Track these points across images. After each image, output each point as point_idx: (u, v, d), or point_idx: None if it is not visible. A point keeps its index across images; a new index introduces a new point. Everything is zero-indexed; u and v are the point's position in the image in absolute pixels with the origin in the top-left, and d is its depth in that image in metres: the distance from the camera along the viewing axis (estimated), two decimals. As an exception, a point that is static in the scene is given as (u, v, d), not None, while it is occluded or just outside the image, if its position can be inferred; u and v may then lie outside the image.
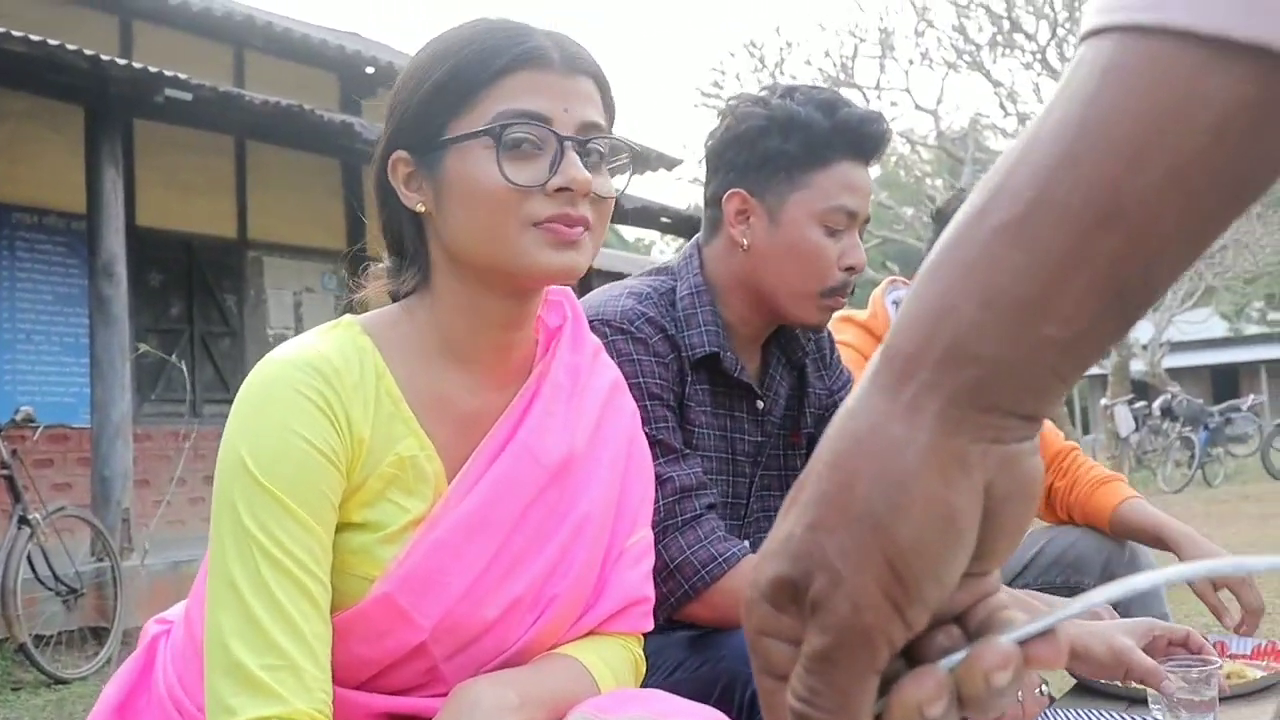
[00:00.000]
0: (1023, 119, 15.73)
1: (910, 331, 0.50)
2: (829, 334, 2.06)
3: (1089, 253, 0.47)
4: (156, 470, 8.77)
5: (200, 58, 9.76)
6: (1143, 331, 23.04)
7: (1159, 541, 2.30)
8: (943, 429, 0.48)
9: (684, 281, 1.84)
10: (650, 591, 1.40)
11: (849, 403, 0.52)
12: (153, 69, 6.87)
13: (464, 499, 1.25)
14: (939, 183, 20.07)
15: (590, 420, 1.36)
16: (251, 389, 1.20)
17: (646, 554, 1.41)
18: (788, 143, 1.78)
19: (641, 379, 1.70)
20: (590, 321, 1.71)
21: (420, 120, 1.23)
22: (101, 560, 6.37)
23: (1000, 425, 0.49)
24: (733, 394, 1.86)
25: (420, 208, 1.25)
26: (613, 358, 1.69)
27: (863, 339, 2.37)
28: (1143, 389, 21.52)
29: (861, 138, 1.79)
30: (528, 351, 1.35)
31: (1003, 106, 15.82)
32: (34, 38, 6.32)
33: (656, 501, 1.62)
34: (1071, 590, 2.25)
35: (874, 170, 1.93)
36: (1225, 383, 33.49)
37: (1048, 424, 2.63)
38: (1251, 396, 19.43)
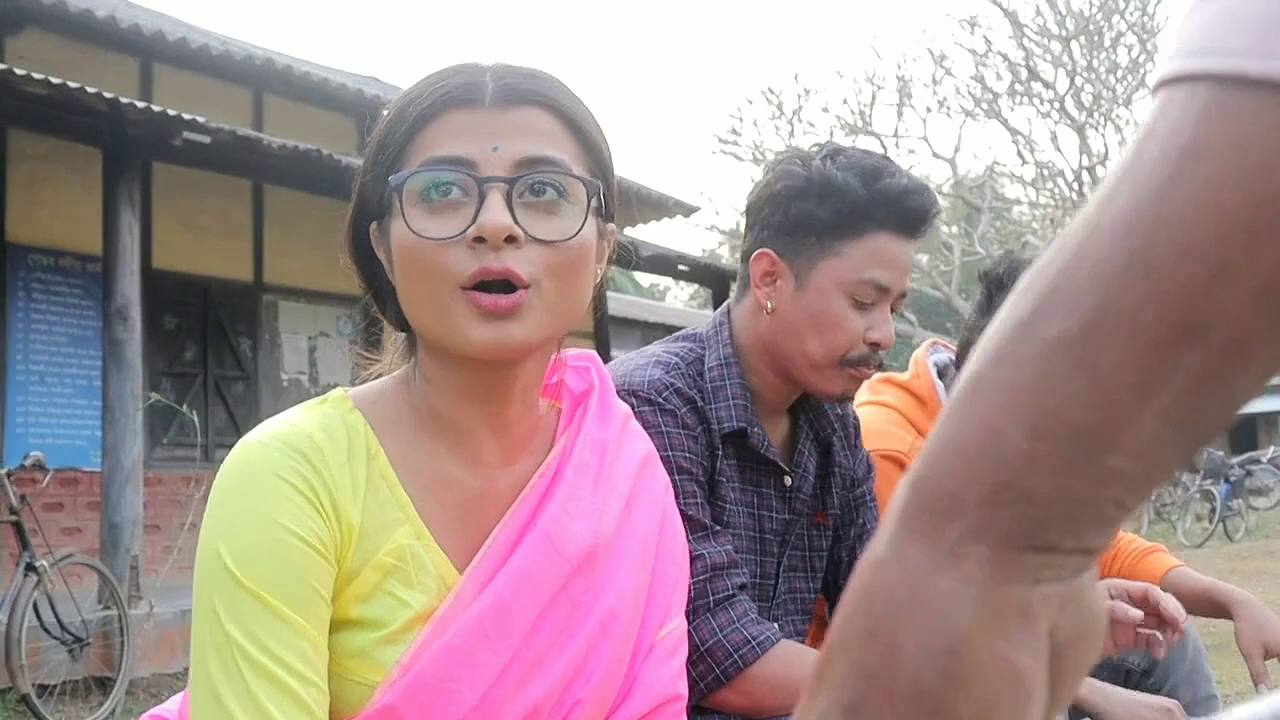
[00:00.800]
0: (1040, 167, 15.70)
1: (949, 464, 0.42)
2: (854, 414, 1.99)
3: (1163, 374, 0.39)
4: (167, 515, 8.68)
5: (220, 101, 9.77)
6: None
7: (1214, 607, 2.22)
8: (996, 577, 0.41)
9: (712, 351, 1.77)
10: (684, 689, 1.28)
11: (879, 550, 0.44)
12: (171, 112, 6.85)
13: (477, 596, 1.12)
14: (954, 229, 20.03)
15: (619, 500, 1.23)
16: (227, 476, 1.08)
17: (680, 646, 1.28)
18: (821, 208, 1.70)
19: (670, 452, 1.62)
20: (616, 391, 1.64)
21: (369, 182, 1.13)
22: (109, 608, 6.28)
23: (1060, 564, 0.42)
24: (761, 470, 1.78)
25: (392, 278, 1.14)
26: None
27: (905, 401, 2.28)
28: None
29: (902, 211, 1.70)
30: (539, 424, 1.22)
31: (1020, 155, 15.77)
32: (54, 80, 6.31)
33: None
34: (1115, 670, 2.15)
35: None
36: (1243, 433, 33.25)
37: None
38: (1272, 448, 19.24)
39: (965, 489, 0.41)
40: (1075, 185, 15.11)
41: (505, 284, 1.04)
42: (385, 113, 1.14)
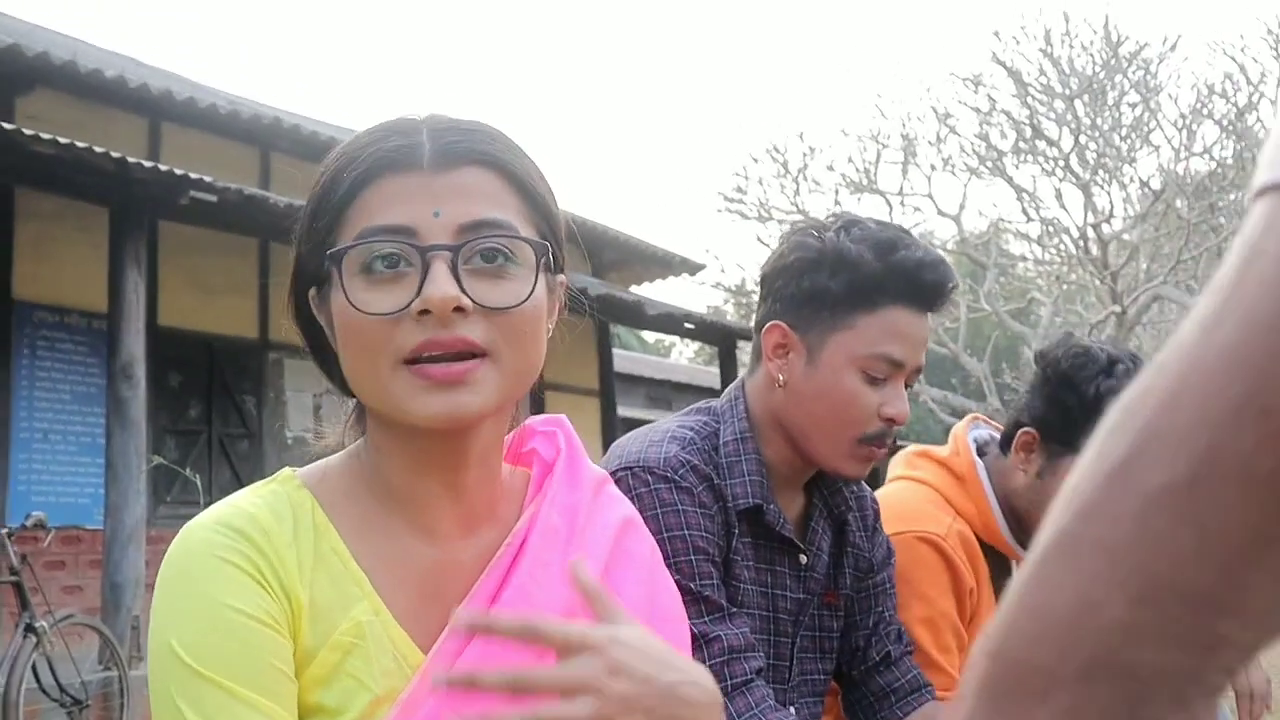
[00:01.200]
0: (1045, 224, 15.72)
1: (1038, 635, 0.38)
2: (871, 496, 1.94)
3: None
4: (169, 574, 8.63)
5: (228, 159, 9.84)
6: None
7: None
8: None
9: (728, 425, 1.73)
10: None
11: None
12: (178, 171, 6.88)
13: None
14: (960, 286, 19.99)
15: (597, 566, 1.15)
16: (170, 565, 1.03)
17: None
18: (834, 280, 1.66)
19: (687, 531, 1.58)
20: (631, 469, 1.60)
21: (309, 247, 1.07)
22: (109, 669, 6.21)
23: None
24: (775, 548, 1.73)
25: (334, 345, 1.08)
26: (655, 507, 1.57)
27: (943, 479, 2.19)
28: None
29: (917, 285, 1.66)
30: (503, 492, 1.16)
31: (1025, 212, 15.80)
32: (61, 139, 6.34)
33: (702, 663, 1.48)
34: None
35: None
36: None
37: None
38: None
39: (1058, 664, 0.37)
40: (1080, 242, 15.12)
41: (456, 353, 1.00)
42: (320, 174, 1.08)
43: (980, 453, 2.23)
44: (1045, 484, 2.09)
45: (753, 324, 1.80)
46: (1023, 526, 2.17)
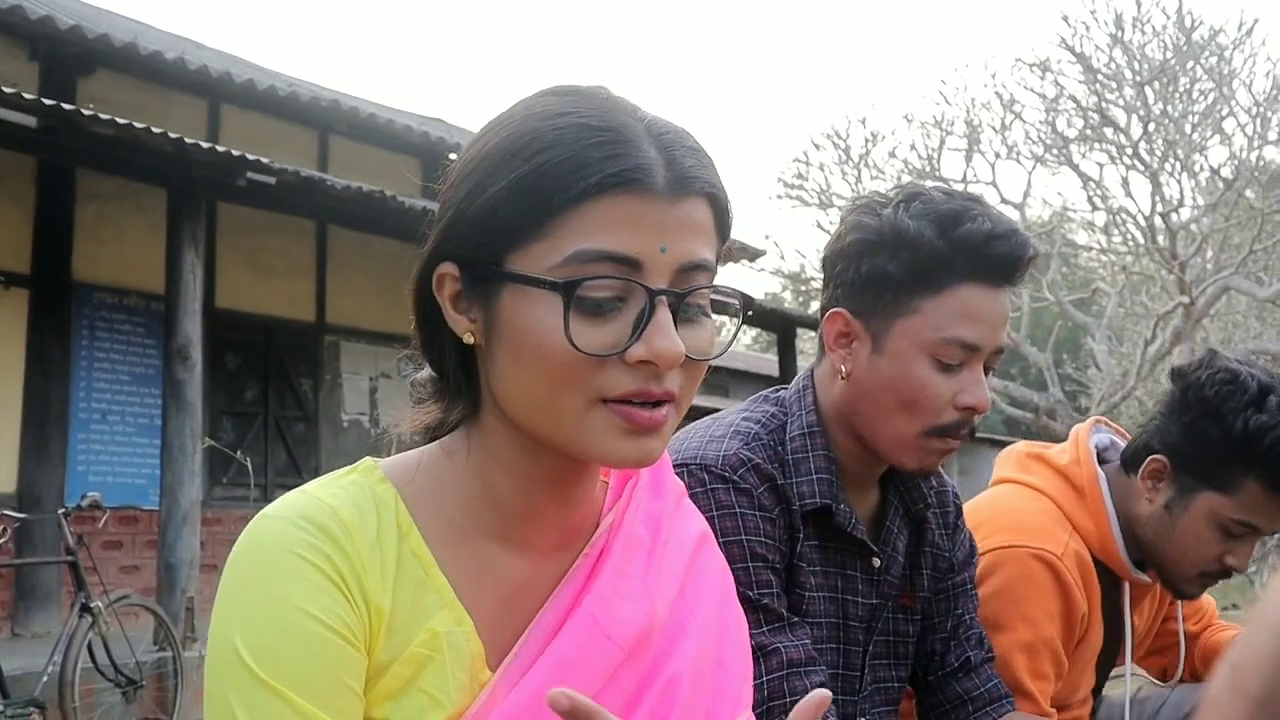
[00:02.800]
0: (1112, 213, 15.42)
1: None
2: (954, 490, 1.80)
3: None
4: (225, 555, 8.58)
5: (286, 142, 9.86)
6: None
7: None
8: None
9: (795, 419, 1.61)
10: None
11: None
12: (236, 152, 6.88)
13: (513, 689, 0.98)
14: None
15: (674, 581, 1.10)
16: (241, 555, 0.95)
17: None
18: (894, 262, 1.52)
19: (744, 536, 1.47)
20: (688, 465, 1.49)
21: (475, 235, 0.96)
22: (164, 650, 6.24)
23: None
24: (845, 550, 1.61)
25: (469, 338, 0.99)
26: (711, 509, 1.46)
27: (1062, 491, 2.03)
28: None
29: (988, 259, 1.50)
30: (593, 503, 1.09)
31: (1091, 201, 15.50)
32: (120, 120, 6.35)
33: (760, 676, 1.39)
34: None
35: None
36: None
37: (1208, 598, 2.34)
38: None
39: None
40: (1147, 231, 14.81)
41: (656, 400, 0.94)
42: (502, 156, 0.95)
43: (1100, 460, 2.08)
44: (1174, 518, 1.95)
45: (817, 311, 1.68)
46: (1143, 552, 2.02)
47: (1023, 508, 1.97)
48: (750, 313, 1.05)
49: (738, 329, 1.11)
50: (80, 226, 8.69)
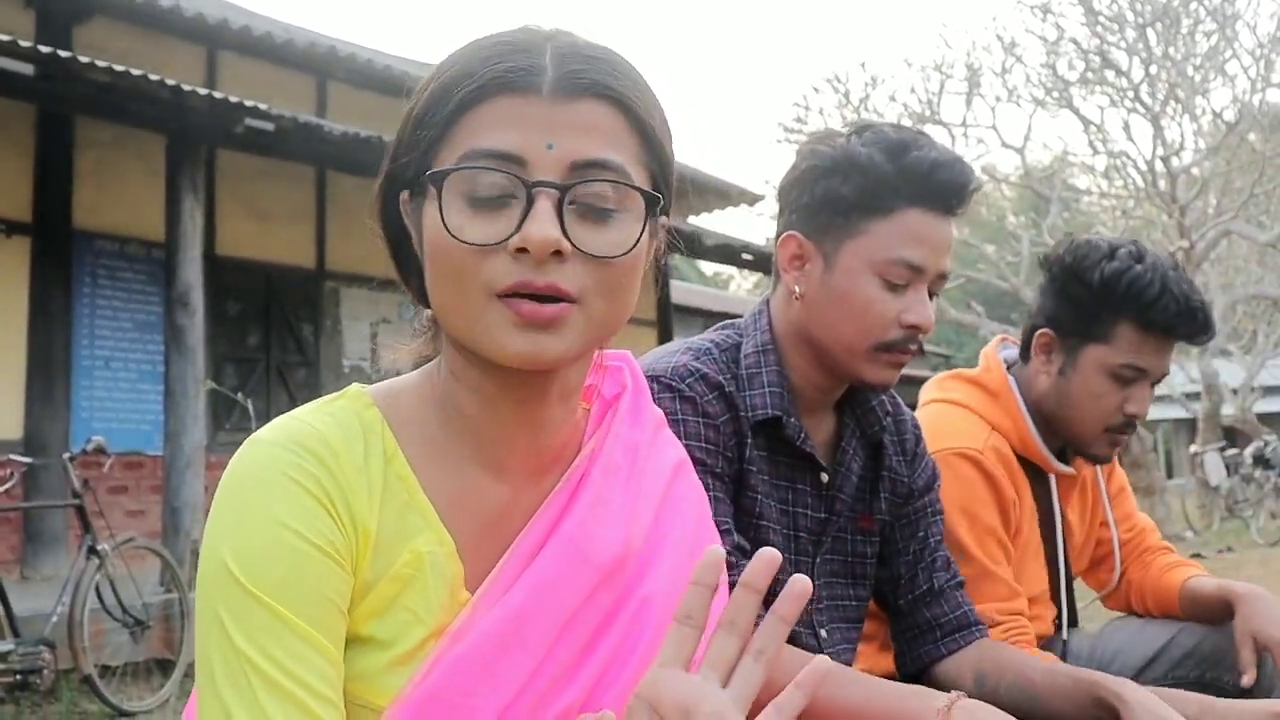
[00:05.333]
0: (1112, 157, 15.37)
1: None
2: (913, 420, 1.89)
3: None
4: (229, 499, 8.76)
5: (284, 88, 9.83)
6: (1233, 375, 22.37)
7: (1226, 607, 2.15)
8: None
9: (750, 338, 1.69)
10: None
11: None
12: (233, 99, 6.88)
13: (494, 605, 1.02)
14: (1022, 220, 19.69)
15: (650, 508, 1.14)
16: (233, 477, 0.98)
17: None
18: (846, 185, 1.62)
19: (684, 440, 1.51)
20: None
21: (403, 155, 1.02)
22: (170, 592, 6.34)
23: None
24: (796, 464, 1.69)
25: (420, 257, 1.03)
26: None
27: (976, 397, 2.20)
28: (1232, 435, 20.86)
29: (933, 185, 1.60)
30: (570, 429, 1.12)
31: (1092, 145, 15.46)
32: (117, 67, 6.35)
33: None
34: (1206, 686, 2.03)
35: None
36: (1320, 430, 32.40)
37: (1146, 519, 2.50)
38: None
39: None
40: (1149, 175, 14.77)
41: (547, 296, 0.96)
42: (428, 80, 1.02)
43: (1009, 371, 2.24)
44: (1069, 380, 2.12)
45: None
46: (1054, 432, 2.18)
47: (942, 418, 2.12)
48: (662, 208, 1.04)
49: (640, 235, 1.03)
50: (80, 174, 8.70)
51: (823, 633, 1.67)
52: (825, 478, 1.72)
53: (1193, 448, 17.48)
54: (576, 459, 1.12)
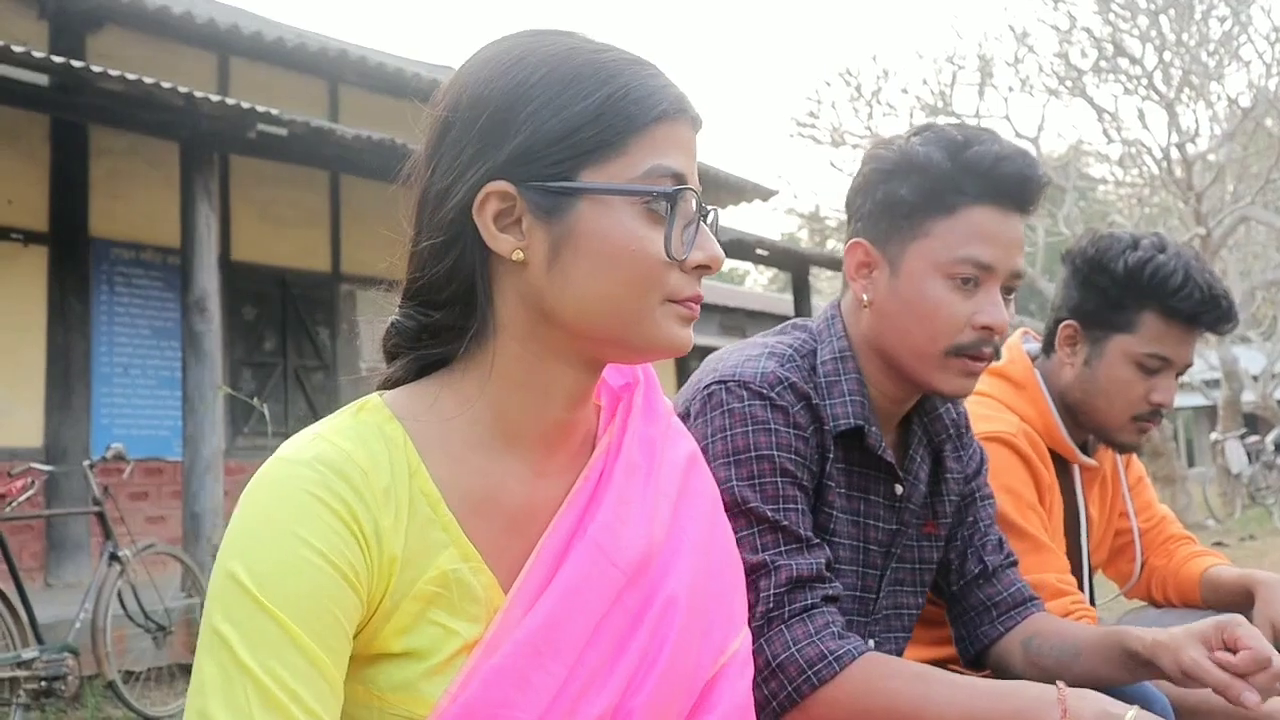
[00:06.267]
0: (1127, 145, 15.30)
1: None
2: (964, 411, 1.84)
3: None
4: (249, 504, 8.80)
5: (296, 93, 9.86)
6: (1254, 362, 22.24)
7: (1249, 596, 2.15)
8: None
9: (826, 344, 1.64)
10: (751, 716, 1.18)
11: None
12: (245, 104, 6.90)
13: (526, 614, 1.02)
14: (1039, 210, 19.58)
15: (668, 504, 1.14)
16: (257, 492, 0.97)
17: (746, 665, 1.19)
18: (905, 187, 1.58)
19: (775, 452, 1.50)
20: (726, 383, 1.53)
21: (541, 154, 1.01)
22: (191, 596, 6.36)
23: None
24: (869, 475, 1.65)
25: (517, 255, 1.02)
26: (746, 424, 1.51)
27: (1002, 388, 2.20)
28: (1254, 423, 20.76)
29: (996, 181, 1.55)
30: (588, 425, 1.14)
31: (1106, 133, 15.38)
32: (130, 76, 6.38)
33: (765, 590, 1.42)
34: None
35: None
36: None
37: (1165, 509, 2.50)
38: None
39: None
40: (1163, 163, 14.69)
41: None
42: (571, 79, 1.03)
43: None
44: (1094, 372, 2.14)
45: (833, 250, 1.75)
46: (1079, 423, 2.19)
47: (972, 409, 2.09)
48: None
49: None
50: (95, 183, 8.74)
51: (868, 643, 1.63)
52: (899, 489, 1.68)
53: (1213, 435, 17.38)
54: (594, 456, 1.12)
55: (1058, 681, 1.35)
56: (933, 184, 1.56)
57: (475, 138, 1.03)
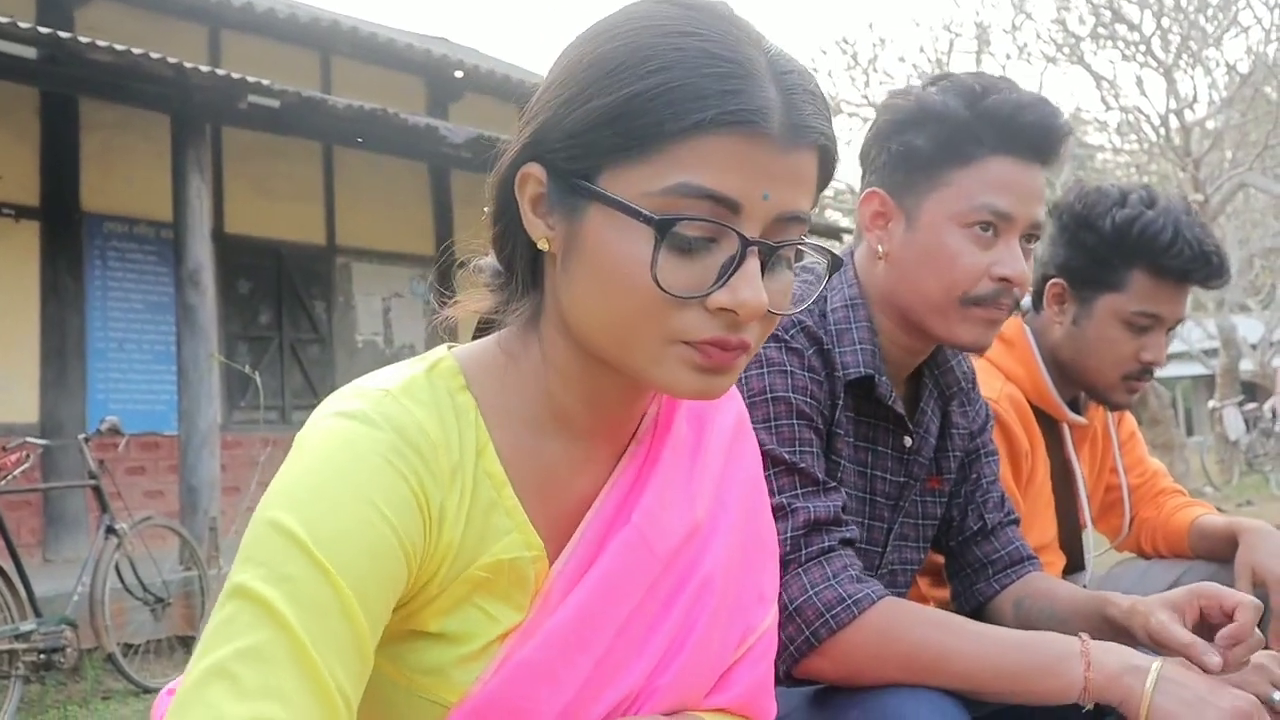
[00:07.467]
0: (1125, 113, 15.25)
1: None
2: (970, 366, 1.81)
3: None
4: (246, 477, 8.78)
5: (288, 64, 9.80)
6: (1252, 330, 22.23)
7: (1235, 542, 2.13)
8: None
9: (836, 292, 1.61)
10: (771, 706, 1.14)
11: None
12: (235, 75, 6.86)
13: (563, 602, 0.97)
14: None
15: (713, 481, 1.08)
16: (323, 448, 0.89)
17: (770, 649, 1.14)
18: (922, 136, 1.54)
19: (791, 394, 1.47)
20: None
21: (570, 142, 0.91)
22: (189, 569, 6.37)
23: None
24: (878, 426, 1.62)
25: (544, 244, 0.94)
26: (761, 366, 1.48)
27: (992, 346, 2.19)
28: (1251, 390, 20.77)
29: (1016, 130, 1.51)
30: (644, 408, 1.06)
31: (1104, 100, 15.32)
32: (119, 47, 6.34)
33: (782, 533, 1.39)
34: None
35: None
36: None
37: (1157, 464, 2.49)
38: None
39: None
40: (1162, 130, 14.64)
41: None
42: (621, 64, 0.89)
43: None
44: (1084, 330, 2.11)
45: (828, 217, 1.72)
46: (1068, 381, 2.17)
47: None
48: (835, 271, 1.01)
49: (823, 286, 1.17)
50: (86, 156, 8.69)
51: (882, 587, 1.61)
52: (909, 441, 1.65)
53: (1211, 403, 17.40)
54: (639, 431, 1.06)
55: (1081, 634, 1.33)
56: (950, 134, 1.53)
57: (532, 110, 0.95)
